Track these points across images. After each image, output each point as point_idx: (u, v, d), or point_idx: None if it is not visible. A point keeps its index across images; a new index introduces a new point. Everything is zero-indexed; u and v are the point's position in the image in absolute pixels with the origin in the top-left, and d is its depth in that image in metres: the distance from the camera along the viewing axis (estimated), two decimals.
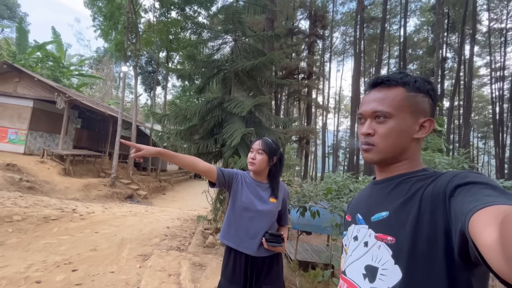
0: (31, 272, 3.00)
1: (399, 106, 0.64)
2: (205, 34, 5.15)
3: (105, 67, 29.28)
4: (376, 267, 0.58)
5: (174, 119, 4.41)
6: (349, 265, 0.65)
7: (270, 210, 1.46)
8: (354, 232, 0.67)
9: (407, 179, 0.62)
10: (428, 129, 0.65)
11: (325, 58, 30.67)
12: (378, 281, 0.57)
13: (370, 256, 0.60)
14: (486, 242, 0.38)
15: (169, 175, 18.81)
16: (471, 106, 20.03)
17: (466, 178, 0.51)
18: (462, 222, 0.43)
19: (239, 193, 1.46)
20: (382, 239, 0.58)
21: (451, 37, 23.72)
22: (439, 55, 15.86)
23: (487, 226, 0.38)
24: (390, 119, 0.64)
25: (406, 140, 0.64)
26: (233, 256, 1.45)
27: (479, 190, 0.47)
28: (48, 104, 11.03)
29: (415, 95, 0.65)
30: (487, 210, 0.41)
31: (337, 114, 35.86)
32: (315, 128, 27.91)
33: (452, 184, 0.51)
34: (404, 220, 0.56)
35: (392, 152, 0.65)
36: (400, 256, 0.55)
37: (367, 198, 0.71)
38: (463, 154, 6.86)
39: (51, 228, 4.68)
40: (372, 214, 0.64)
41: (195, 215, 7.62)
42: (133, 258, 3.76)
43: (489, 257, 0.38)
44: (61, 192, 8.18)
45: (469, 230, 0.41)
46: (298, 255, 6.84)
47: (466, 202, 0.45)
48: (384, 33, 18.60)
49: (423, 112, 0.65)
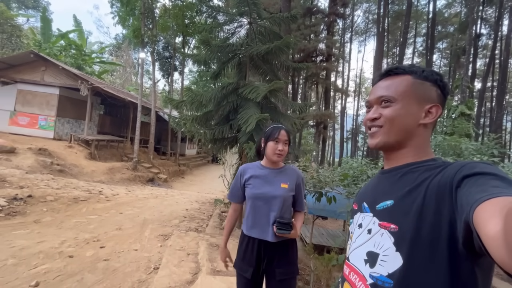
0: (64, 248, 3.28)
1: (404, 91, 0.65)
2: (220, 18, 5.04)
3: (124, 53, 29.87)
4: (377, 253, 0.59)
5: (190, 105, 4.46)
6: (353, 251, 0.67)
7: (281, 195, 1.48)
8: (359, 220, 0.69)
9: (415, 169, 0.62)
10: (434, 115, 0.64)
11: (345, 38, 29.25)
12: (378, 266, 0.58)
13: (373, 243, 0.61)
14: (489, 232, 0.38)
15: (187, 159, 19.35)
16: (506, 87, 18.48)
17: (474, 168, 0.50)
18: (467, 212, 0.43)
19: (249, 188, 1.54)
20: (386, 227, 0.59)
21: (487, 11, 21.60)
22: (472, 32, 14.58)
23: (492, 217, 0.38)
24: (394, 103, 0.66)
25: (411, 124, 0.65)
26: (247, 240, 1.51)
27: (487, 181, 0.46)
28: (72, 91, 11.54)
29: (421, 83, 0.66)
30: (493, 201, 0.40)
31: (357, 97, 34.59)
32: (333, 112, 27.20)
33: (459, 174, 0.51)
34: (408, 209, 0.56)
35: (397, 135, 0.66)
36: (402, 243, 0.55)
37: (374, 187, 0.71)
38: (493, 140, 6.42)
39: (80, 208, 5.05)
40: (377, 203, 0.64)
41: (213, 198, 7.87)
42: (155, 238, 3.99)
43: (492, 247, 0.38)
44: (88, 175, 8.72)
45: (473, 220, 0.41)
46: (313, 239, 6.93)
47: (472, 193, 0.45)
48: (410, 9, 17.27)
49: (430, 99, 0.65)
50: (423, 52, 25.65)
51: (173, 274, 2.88)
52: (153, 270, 2.99)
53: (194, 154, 23.27)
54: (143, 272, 2.95)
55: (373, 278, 0.59)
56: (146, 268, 3.03)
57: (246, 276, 1.47)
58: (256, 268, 1.47)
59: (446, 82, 0.67)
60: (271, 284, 1.47)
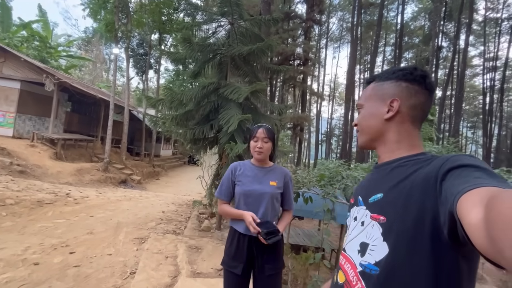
0: (29, 255, 3.03)
1: (367, 96, 0.76)
2: (200, 16, 4.97)
3: (94, 48, 28.21)
4: (367, 243, 0.63)
5: (170, 104, 4.34)
6: (348, 243, 0.71)
7: (270, 192, 1.51)
8: (355, 213, 0.72)
9: (404, 163, 0.65)
10: (394, 108, 0.68)
11: (321, 44, 30.24)
12: (367, 255, 0.62)
13: (365, 234, 0.64)
14: (471, 221, 0.39)
15: (162, 160, 18.74)
16: (462, 96, 20.28)
17: (458, 161, 0.52)
18: (451, 202, 0.45)
19: (239, 185, 1.56)
20: (376, 219, 0.62)
21: (447, 25, 23.59)
22: (434, 44, 15.83)
23: (474, 206, 0.40)
24: (362, 109, 0.77)
25: (376, 123, 0.72)
26: (237, 237, 1.53)
27: (470, 173, 0.48)
28: (36, 86, 10.66)
29: (381, 84, 0.73)
30: (475, 191, 0.42)
31: (331, 101, 35.88)
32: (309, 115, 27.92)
33: (444, 168, 0.52)
34: (395, 201, 0.59)
35: (368, 134, 0.75)
36: (388, 234, 0.58)
37: (368, 182, 0.75)
38: (452, 143, 7.04)
39: (46, 212, 4.68)
40: (370, 196, 0.67)
41: (190, 200, 7.70)
42: (130, 241, 3.82)
43: (473, 236, 0.39)
44: (53, 176, 8.10)
45: (457, 210, 0.43)
46: (290, 239, 7.04)
47: (456, 185, 0.47)
48: (381, 19, 18.33)
49: (389, 95, 0.70)
50: (391, 60, 27.32)
51: (151, 278, 2.78)
52: (129, 275, 2.85)
53: (170, 155, 22.60)
54: (119, 277, 2.81)
55: (362, 266, 0.62)
56: (121, 273, 2.88)
57: (235, 272, 1.48)
58: (246, 264, 1.49)
59: (411, 71, 0.69)
60: (260, 279, 1.50)
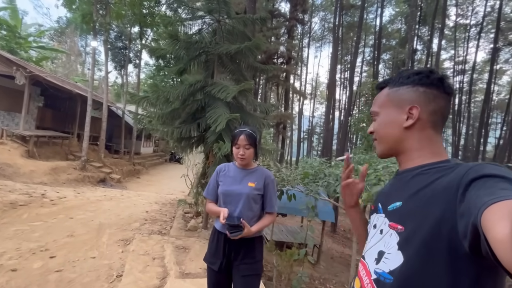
0: (4, 261, 2.86)
1: (382, 103, 0.73)
2: (182, 11, 4.86)
3: (68, 39, 26.63)
4: (384, 252, 0.62)
5: (155, 101, 4.24)
6: (367, 250, 0.70)
7: (246, 193, 1.56)
8: (374, 221, 0.72)
9: (426, 171, 0.62)
10: (414, 116, 0.66)
11: (304, 43, 30.63)
12: (382, 263, 0.61)
13: (383, 243, 0.63)
14: (497, 236, 0.37)
15: (143, 158, 18.21)
16: None
17: (482, 170, 0.49)
18: (475, 215, 0.42)
19: (220, 185, 1.63)
20: (394, 228, 0.61)
21: (422, 29, 24.78)
22: (410, 47, 16.59)
23: (500, 220, 0.37)
24: (378, 116, 0.74)
25: (395, 130, 0.69)
26: (217, 235, 1.62)
27: (495, 184, 0.45)
28: (4, 79, 9.93)
29: (397, 90, 0.70)
30: (501, 204, 0.39)
31: (313, 100, 36.53)
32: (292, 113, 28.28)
33: (467, 177, 0.50)
34: (414, 210, 0.58)
35: (387, 143, 0.71)
36: (404, 243, 0.57)
37: (389, 189, 0.73)
38: None
39: (20, 214, 4.42)
40: (389, 204, 0.66)
41: (173, 199, 7.58)
42: (114, 243, 3.71)
43: (499, 251, 0.37)
44: (26, 176, 7.62)
45: (481, 223, 0.40)
46: (273, 236, 7.17)
47: (480, 196, 0.44)
48: (362, 21, 18.84)
49: (408, 101, 0.67)
50: (370, 61, 28.29)
51: (139, 280, 2.73)
52: (115, 278, 2.78)
53: (151, 152, 22.01)
54: (105, 281, 2.73)
55: (376, 274, 0.62)
56: (107, 277, 2.81)
57: (213, 268, 1.57)
58: (223, 261, 1.55)
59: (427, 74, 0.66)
60: (235, 279, 1.55)
